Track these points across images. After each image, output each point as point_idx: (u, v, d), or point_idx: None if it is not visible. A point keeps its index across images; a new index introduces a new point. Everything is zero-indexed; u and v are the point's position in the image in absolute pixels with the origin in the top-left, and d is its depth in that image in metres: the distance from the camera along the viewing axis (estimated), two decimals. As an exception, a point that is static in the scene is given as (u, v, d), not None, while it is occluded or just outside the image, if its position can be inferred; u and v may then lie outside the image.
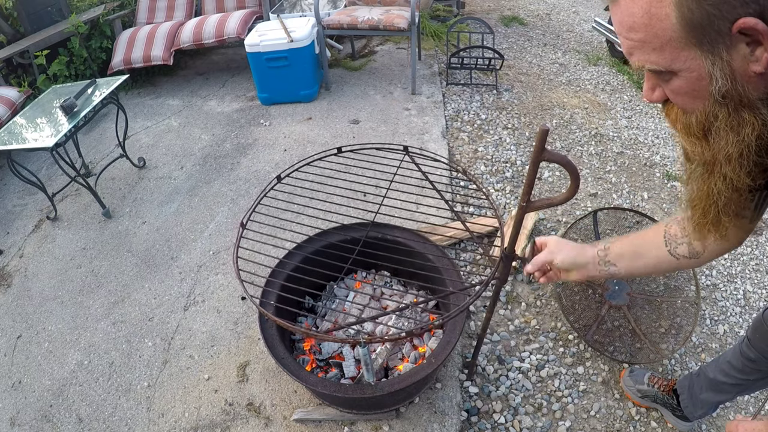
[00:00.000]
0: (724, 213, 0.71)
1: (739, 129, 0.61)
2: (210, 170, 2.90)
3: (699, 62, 0.60)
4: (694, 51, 0.59)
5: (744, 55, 0.57)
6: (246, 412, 1.66)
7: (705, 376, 1.37)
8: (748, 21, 0.53)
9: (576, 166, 0.90)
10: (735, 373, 1.27)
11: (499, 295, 1.37)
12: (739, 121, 0.61)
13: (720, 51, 0.57)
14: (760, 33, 0.54)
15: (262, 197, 1.65)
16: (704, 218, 0.74)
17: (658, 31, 0.59)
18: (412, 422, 1.57)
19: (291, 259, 1.77)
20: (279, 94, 3.48)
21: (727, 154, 0.64)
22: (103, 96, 2.56)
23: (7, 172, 3.08)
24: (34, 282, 2.30)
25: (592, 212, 2.04)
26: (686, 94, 0.65)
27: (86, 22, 3.77)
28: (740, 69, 0.58)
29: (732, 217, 0.72)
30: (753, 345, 1.18)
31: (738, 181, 0.66)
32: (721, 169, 0.66)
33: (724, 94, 0.60)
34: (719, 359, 1.34)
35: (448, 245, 2.18)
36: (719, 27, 0.55)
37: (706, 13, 0.55)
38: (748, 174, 0.65)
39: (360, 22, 3.24)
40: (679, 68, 0.62)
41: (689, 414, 1.46)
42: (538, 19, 4.84)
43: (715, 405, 1.42)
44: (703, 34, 0.57)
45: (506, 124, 3.13)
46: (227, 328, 1.95)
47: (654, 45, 0.61)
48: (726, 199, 0.69)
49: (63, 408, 1.75)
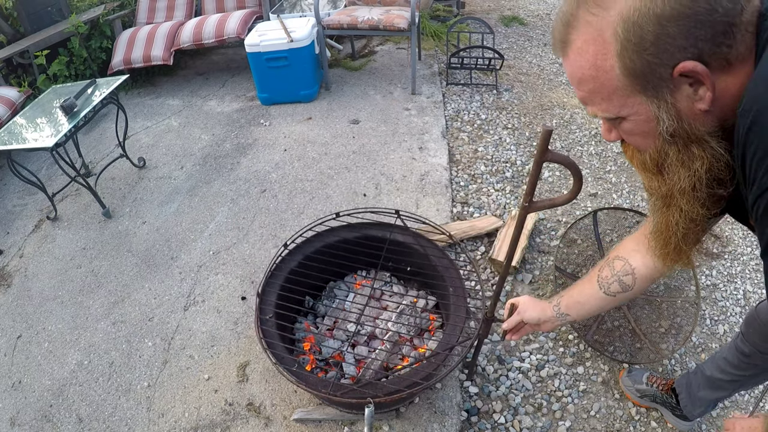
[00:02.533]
0: (683, 242, 0.76)
1: (690, 164, 0.66)
2: (210, 170, 2.90)
3: (645, 107, 0.64)
4: (639, 97, 0.63)
5: (688, 95, 0.61)
6: (246, 412, 1.66)
7: (702, 373, 1.38)
8: (687, 65, 0.57)
9: (579, 167, 0.90)
10: (731, 369, 1.27)
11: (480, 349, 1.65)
12: (689, 156, 0.65)
13: (664, 94, 0.61)
14: (700, 74, 0.57)
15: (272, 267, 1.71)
16: (666, 248, 0.79)
17: (605, 82, 0.64)
18: (412, 422, 1.57)
19: (290, 259, 1.77)
20: (279, 94, 3.48)
21: (680, 188, 0.68)
22: (103, 96, 2.56)
23: (7, 172, 3.08)
24: (34, 282, 2.30)
25: (592, 212, 2.04)
26: (638, 135, 0.69)
27: (86, 22, 3.77)
28: (686, 108, 0.62)
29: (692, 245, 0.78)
30: (747, 339, 1.19)
31: (693, 212, 0.70)
32: (677, 202, 0.70)
33: (672, 133, 0.64)
34: (715, 356, 1.35)
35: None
36: (660, 73, 0.59)
37: (647, 62, 0.59)
38: (702, 205, 0.69)
39: (360, 22, 3.24)
40: (627, 113, 0.66)
41: (688, 413, 1.47)
42: (538, 19, 4.84)
43: (714, 402, 1.43)
44: (646, 81, 0.61)
45: (506, 124, 3.13)
46: (227, 328, 1.95)
47: (602, 95, 0.65)
48: (684, 229, 0.74)
49: (63, 408, 1.75)
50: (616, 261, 0.99)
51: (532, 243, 2.24)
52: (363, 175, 2.71)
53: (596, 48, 0.62)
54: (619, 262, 0.98)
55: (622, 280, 0.98)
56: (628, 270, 0.97)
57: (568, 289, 1.13)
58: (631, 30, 0.58)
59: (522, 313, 1.21)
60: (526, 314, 1.19)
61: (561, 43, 0.66)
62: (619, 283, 0.99)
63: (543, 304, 1.18)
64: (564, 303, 1.11)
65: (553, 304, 1.14)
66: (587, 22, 0.62)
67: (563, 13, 0.65)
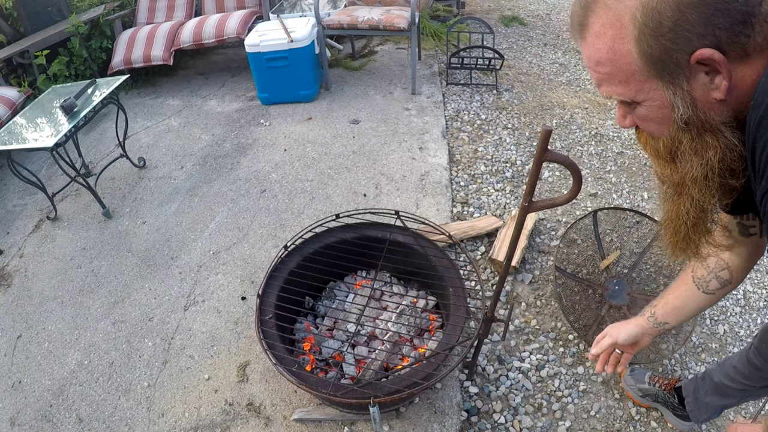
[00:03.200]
0: (693, 232, 0.76)
1: (703, 152, 0.65)
2: (210, 170, 2.90)
3: (661, 92, 0.64)
4: (656, 82, 0.63)
5: (704, 83, 0.61)
6: (246, 412, 1.66)
7: (710, 379, 1.37)
8: (705, 52, 0.57)
9: (579, 167, 0.90)
10: (741, 379, 1.26)
11: (480, 349, 1.63)
12: (703, 144, 0.65)
13: (680, 81, 0.61)
14: (717, 63, 0.57)
15: (273, 268, 1.71)
16: (675, 237, 0.79)
17: (622, 66, 0.64)
18: (412, 422, 1.57)
19: (290, 259, 1.77)
20: (279, 94, 3.48)
21: (692, 177, 0.68)
22: (103, 96, 2.56)
23: (7, 172, 3.09)
24: (34, 282, 2.30)
25: (592, 212, 2.04)
26: (652, 121, 0.69)
27: (86, 22, 3.77)
28: (701, 96, 0.62)
29: (701, 235, 0.77)
30: (760, 353, 1.17)
31: (704, 201, 0.70)
32: (689, 191, 0.70)
33: (687, 121, 0.64)
34: (725, 363, 1.33)
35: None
36: (678, 59, 0.59)
37: (664, 47, 0.59)
38: (713, 195, 0.69)
39: (360, 22, 3.24)
40: (643, 99, 0.66)
41: (694, 418, 1.46)
42: (538, 19, 4.84)
43: (720, 409, 1.41)
44: (663, 67, 0.61)
45: (506, 124, 3.13)
46: (227, 328, 1.95)
47: (619, 78, 0.65)
48: (694, 218, 0.73)
49: (63, 408, 1.75)
50: (709, 259, 0.96)
51: (532, 243, 2.24)
52: (363, 175, 2.71)
53: (614, 32, 0.62)
54: (712, 260, 0.97)
55: (720, 276, 0.97)
56: (722, 265, 0.96)
57: (660, 298, 1.09)
58: (650, 15, 0.58)
59: (614, 336, 1.12)
60: (620, 336, 1.11)
61: (579, 26, 0.66)
62: (717, 279, 0.97)
63: (635, 321, 1.11)
64: (660, 312, 1.07)
65: (646, 316, 1.09)
66: (606, 5, 0.62)
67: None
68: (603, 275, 1.93)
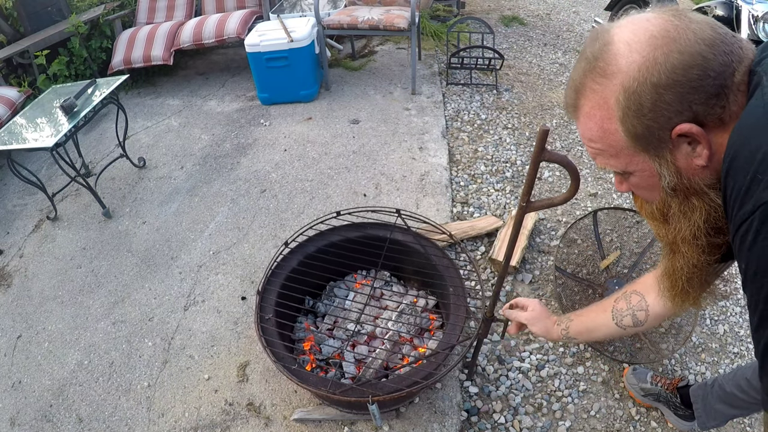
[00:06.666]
0: (689, 286, 0.83)
1: (690, 215, 0.72)
2: (210, 170, 2.90)
3: (648, 164, 0.70)
4: (643, 156, 0.69)
5: (687, 152, 0.66)
6: (246, 412, 1.66)
7: (721, 388, 1.36)
8: (683, 127, 0.62)
9: (576, 167, 0.91)
10: (753, 392, 1.25)
11: (480, 349, 1.64)
12: (690, 207, 0.72)
13: (664, 153, 0.67)
14: (696, 135, 0.63)
15: (273, 265, 1.71)
16: (673, 290, 0.86)
17: (612, 142, 0.70)
18: (412, 422, 1.57)
19: (290, 259, 1.77)
20: (279, 94, 3.48)
21: (682, 237, 0.75)
22: (103, 96, 2.56)
23: (7, 172, 3.09)
24: (34, 282, 2.30)
25: (592, 212, 2.04)
26: (644, 188, 0.77)
27: (86, 22, 3.77)
28: (685, 165, 0.68)
29: (698, 288, 0.84)
30: None
31: (694, 259, 0.77)
32: (680, 249, 0.77)
33: (674, 187, 0.70)
34: (737, 373, 1.32)
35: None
36: (660, 135, 0.65)
37: (646, 126, 0.65)
38: (702, 252, 0.75)
39: (360, 22, 3.24)
40: (633, 169, 0.73)
41: (701, 424, 1.46)
42: (538, 19, 4.84)
43: (729, 418, 1.41)
44: (647, 143, 0.67)
45: (506, 124, 3.13)
46: (227, 328, 1.95)
47: (610, 153, 0.72)
48: (688, 274, 0.80)
49: (63, 408, 1.75)
50: (633, 295, 1.03)
51: (532, 243, 2.24)
52: (363, 175, 2.71)
53: (602, 113, 0.68)
54: (636, 297, 1.02)
55: (636, 315, 1.02)
56: (643, 306, 1.01)
57: (579, 314, 1.16)
58: (631, 98, 0.63)
59: (528, 323, 1.24)
60: (533, 328, 1.23)
61: (572, 107, 0.73)
62: (632, 317, 1.02)
63: (549, 324, 1.20)
64: (574, 328, 1.15)
65: (561, 327, 1.17)
66: (593, 90, 0.68)
67: (573, 80, 0.71)
68: (603, 275, 1.93)
